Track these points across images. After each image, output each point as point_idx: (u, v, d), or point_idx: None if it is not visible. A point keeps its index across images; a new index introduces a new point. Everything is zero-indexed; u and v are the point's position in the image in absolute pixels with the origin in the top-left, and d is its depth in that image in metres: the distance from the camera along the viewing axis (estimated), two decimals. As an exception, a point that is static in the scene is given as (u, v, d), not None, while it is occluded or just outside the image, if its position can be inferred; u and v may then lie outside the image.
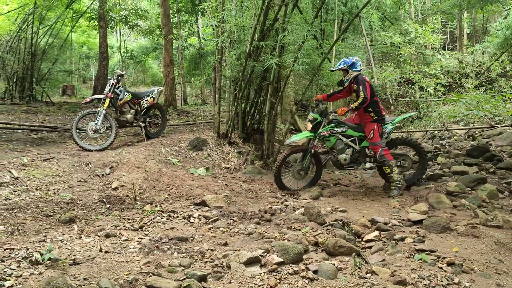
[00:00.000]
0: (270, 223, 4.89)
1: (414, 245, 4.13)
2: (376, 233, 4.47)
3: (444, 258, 3.75)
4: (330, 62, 9.40)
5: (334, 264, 3.64)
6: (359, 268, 3.60)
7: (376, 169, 6.95)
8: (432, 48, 16.68)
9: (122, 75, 8.39)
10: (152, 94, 8.87)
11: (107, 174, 6.39)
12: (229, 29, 7.44)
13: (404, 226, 4.81)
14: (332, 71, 6.89)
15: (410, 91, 14.67)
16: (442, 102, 12.65)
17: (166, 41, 16.31)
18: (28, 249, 3.48)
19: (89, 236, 4.01)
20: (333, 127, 6.47)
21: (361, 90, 6.13)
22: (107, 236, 4.02)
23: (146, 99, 8.72)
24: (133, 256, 3.57)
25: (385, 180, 6.76)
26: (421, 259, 3.76)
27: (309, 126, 6.54)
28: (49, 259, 3.30)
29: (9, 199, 4.89)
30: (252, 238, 4.26)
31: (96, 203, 5.34)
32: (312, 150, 6.62)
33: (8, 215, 4.41)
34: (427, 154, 7.12)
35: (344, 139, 6.53)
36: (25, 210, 4.61)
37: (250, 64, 7.60)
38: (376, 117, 6.33)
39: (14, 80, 19.01)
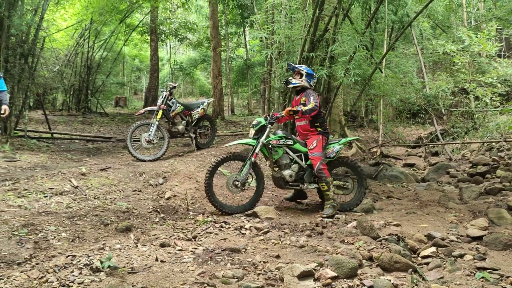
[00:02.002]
0: (322, 236, 4.83)
1: (475, 262, 3.96)
2: (433, 249, 4.31)
3: (508, 277, 3.57)
4: (381, 72, 9.25)
5: (390, 280, 3.54)
6: (416, 285, 3.49)
7: (317, 191, 6.37)
8: (486, 56, 16.06)
9: (174, 87, 8.60)
10: (203, 105, 9.02)
11: (160, 184, 6.55)
12: (278, 41, 7.49)
13: (463, 242, 4.62)
14: (289, 65, 6.28)
15: (464, 100, 14.17)
16: (500, 112, 12.12)
17: (215, 53, 16.61)
18: (89, 256, 3.61)
19: (145, 245, 4.11)
20: (282, 138, 5.93)
21: (312, 99, 5.85)
22: (162, 245, 4.11)
23: (196, 110, 8.88)
24: (188, 266, 3.62)
25: (320, 199, 6.32)
26: (482, 277, 3.59)
27: (252, 132, 5.91)
28: (109, 266, 3.41)
29: (70, 207, 5.11)
30: (304, 251, 4.22)
31: (151, 212, 5.48)
32: (253, 159, 5.80)
33: (69, 223, 4.59)
34: (366, 178, 6.58)
35: (291, 153, 6.01)
36: (85, 218, 4.79)
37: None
38: (321, 130, 6.04)
39: (71, 92, 19.95)
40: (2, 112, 6.41)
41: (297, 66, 6.19)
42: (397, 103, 12.15)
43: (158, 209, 5.57)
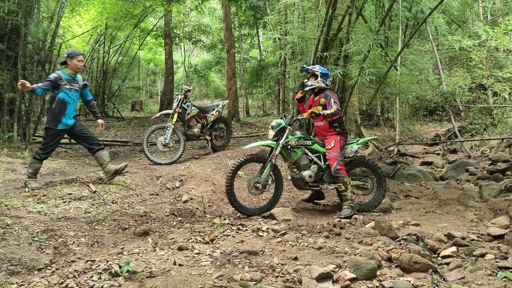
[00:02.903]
0: (340, 237, 4.80)
1: (496, 261, 3.88)
2: (454, 248, 4.25)
3: (531, 277, 3.50)
4: (397, 70, 9.15)
5: (409, 281, 3.50)
6: (437, 285, 3.44)
7: (337, 192, 6.24)
8: (504, 51, 15.77)
9: (189, 90, 8.66)
10: (218, 108, 9.05)
11: (177, 187, 6.58)
12: (292, 41, 7.47)
13: (484, 241, 4.54)
14: (303, 67, 6.26)
15: (482, 96, 13.95)
16: (519, 107, 11.89)
17: (229, 55, 16.65)
18: (107, 261, 3.63)
19: (163, 249, 4.13)
20: (300, 138, 5.92)
21: (333, 102, 5.83)
22: (180, 249, 4.12)
23: (212, 113, 8.91)
24: (206, 270, 3.63)
25: (340, 199, 6.23)
26: (505, 277, 3.52)
27: (271, 133, 5.86)
28: (127, 271, 3.43)
29: (89, 212, 5.17)
30: (322, 252, 4.20)
31: (168, 216, 5.51)
32: (273, 161, 5.77)
33: (88, 228, 4.64)
34: (385, 178, 6.48)
35: (310, 154, 5.96)
36: (103, 223, 4.84)
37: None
38: (340, 130, 5.99)
39: (88, 98, 20.16)
40: (100, 127, 6.51)
41: (310, 67, 6.16)
42: (413, 101, 12.00)
43: (176, 213, 5.60)
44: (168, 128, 8.15)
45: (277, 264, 3.85)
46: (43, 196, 5.38)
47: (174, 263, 3.72)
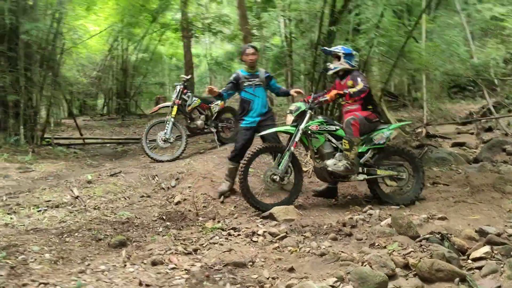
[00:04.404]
0: (350, 238, 4.09)
1: (542, 264, 3.09)
2: (487, 248, 3.46)
3: None
4: (417, 42, 8.23)
5: (430, 296, 2.79)
6: (465, 300, 2.71)
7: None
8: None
9: (188, 80, 8.04)
10: (222, 97, 8.38)
11: (173, 187, 5.95)
12: (295, 17, 6.73)
13: (526, 237, 3.73)
14: (324, 50, 5.72)
15: (519, 67, 12.77)
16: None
17: (245, 42, 16.03)
18: (55, 285, 3.03)
19: (135, 264, 3.50)
20: (323, 123, 5.27)
21: (360, 80, 5.16)
22: (154, 263, 3.48)
23: (216, 102, 8.20)
24: (177, 290, 2.99)
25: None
26: (554, 287, 2.75)
27: (290, 119, 5.28)
28: (77, 298, 2.83)
29: (64, 222, 4.59)
30: (324, 260, 3.51)
31: (155, 220, 4.90)
32: (292, 149, 5.16)
33: (57, 241, 4.06)
34: (423, 166, 5.71)
35: (334, 140, 5.28)
36: (76, 234, 4.24)
37: (320, 53, 6.77)
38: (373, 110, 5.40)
39: (110, 96, 20.12)
40: (296, 94, 6.24)
41: (332, 49, 5.56)
42: (442, 77, 11.00)
43: (164, 217, 4.97)
44: (167, 122, 7.54)
45: (267, 279, 3.20)
46: (16, 206, 4.83)
47: (140, 284, 3.10)
